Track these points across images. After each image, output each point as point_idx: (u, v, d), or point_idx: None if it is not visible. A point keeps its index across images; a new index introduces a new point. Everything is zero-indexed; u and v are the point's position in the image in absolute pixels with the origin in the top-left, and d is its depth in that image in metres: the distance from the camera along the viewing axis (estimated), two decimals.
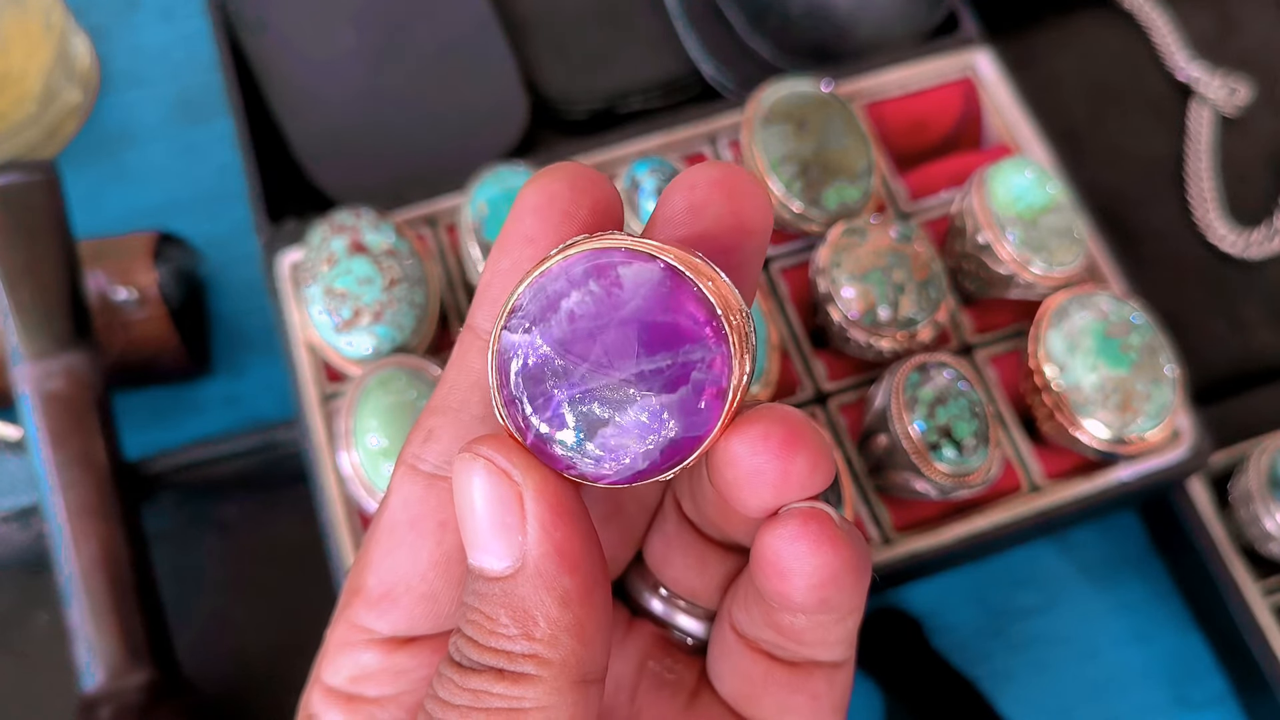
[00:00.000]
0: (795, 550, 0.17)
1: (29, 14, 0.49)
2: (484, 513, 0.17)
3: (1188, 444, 0.37)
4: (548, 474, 0.17)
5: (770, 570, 0.18)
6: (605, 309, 0.16)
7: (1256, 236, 0.48)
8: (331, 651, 0.20)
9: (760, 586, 0.18)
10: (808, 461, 0.17)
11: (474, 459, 0.17)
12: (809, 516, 0.17)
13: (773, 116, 0.38)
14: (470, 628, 0.17)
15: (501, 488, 0.16)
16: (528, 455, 0.17)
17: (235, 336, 0.48)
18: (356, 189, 0.44)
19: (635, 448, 0.16)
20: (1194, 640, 0.43)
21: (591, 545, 0.17)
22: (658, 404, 0.16)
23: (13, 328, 0.37)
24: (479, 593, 0.17)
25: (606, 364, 0.16)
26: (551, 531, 0.16)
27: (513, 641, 0.17)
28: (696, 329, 0.16)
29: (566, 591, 0.16)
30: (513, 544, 0.16)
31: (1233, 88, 0.51)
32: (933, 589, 0.43)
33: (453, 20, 0.48)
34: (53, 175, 0.38)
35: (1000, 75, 0.43)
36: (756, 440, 0.17)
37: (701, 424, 0.16)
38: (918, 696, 0.40)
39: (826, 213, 0.37)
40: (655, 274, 0.16)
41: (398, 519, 0.19)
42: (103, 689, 0.35)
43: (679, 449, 0.16)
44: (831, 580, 0.17)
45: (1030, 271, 0.36)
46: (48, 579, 0.37)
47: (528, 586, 0.16)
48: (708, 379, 0.16)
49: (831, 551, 0.17)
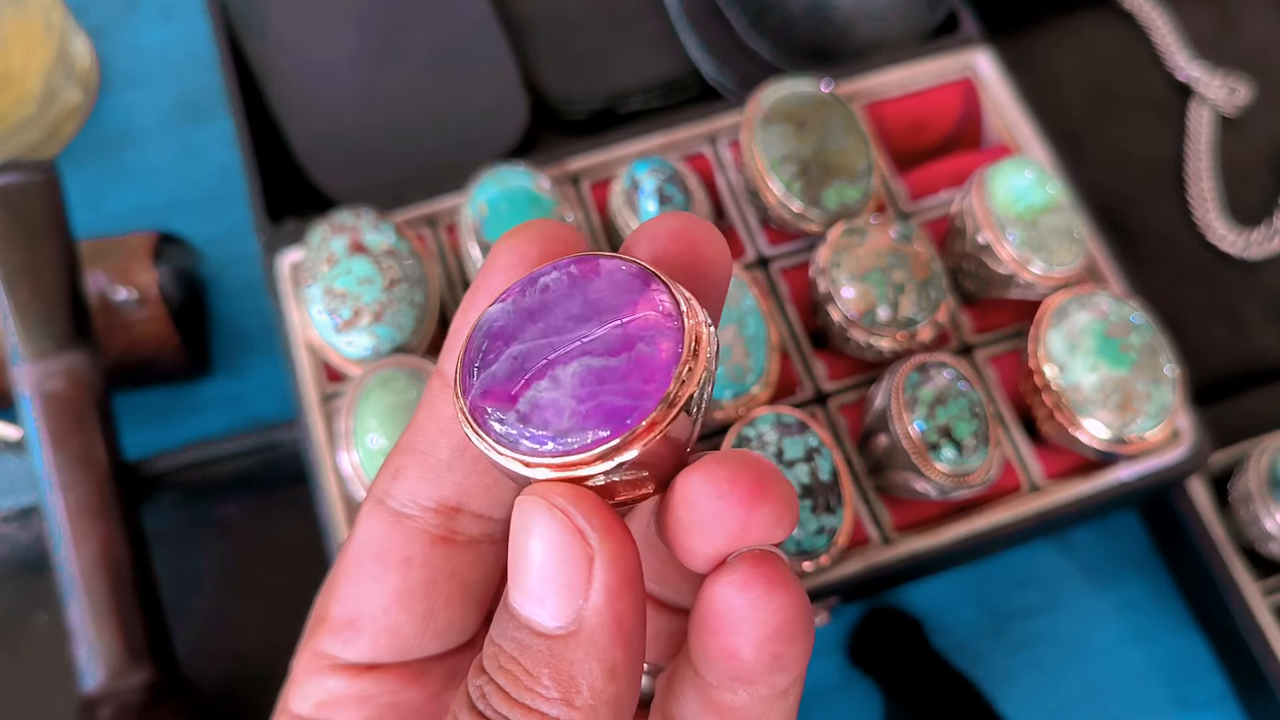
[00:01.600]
0: (747, 597, 0.16)
1: (29, 14, 0.49)
2: (545, 565, 0.16)
3: (1188, 444, 0.37)
4: (623, 539, 0.16)
5: (715, 623, 0.16)
6: (580, 284, 0.16)
7: (1256, 236, 0.48)
8: (298, 679, 0.20)
9: (703, 650, 0.17)
10: (772, 513, 0.16)
11: (549, 509, 0.16)
12: (760, 559, 0.16)
13: (773, 116, 0.38)
14: (503, 676, 0.16)
15: (573, 546, 0.15)
16: (605, 513, 0.16)
17: (235, 336, 0.48)
18: (356, 189, 0.44)
19: (565, 404, 0.15)
20: (1194, 640, 0.43)
21: (643, 618, 0.16)
22: (599, 364, 0.15)
23: (13, 328, 0.37)
24: (521, 643, 0.16)
25: (560, 327, 0.16)
26: (616, 602, 0.15)
27: (551, 705, 0.16)
28: (654, 313, 0.16)
29: (616, 664, 0.16)
30: (572, 605, 0.16)
31: (1233, 88, 0.51)
32: (933, 589, 0.43)
33: (453, 20, 0.48)
34: (53, 175, 0.38)
35: (1000, 75, 0.43)
36: (722, 482, 0.16)
37: (638, 402, 0.15)
38: (918, 696, 0.40)
39: (826, 213, 0.37)
40: (633, 268, 0.17)
41: (363, 552, 0.19)
42: (103, 689, 0.35)
43: (612, 416, 0.15)
44: (785, 630, 0.16)
45: (1030, 271, 0.36)
46: (48, 579, 0.37)
47: (579, 652, 0.16)
48: (653, 356, 0.16)
49: (785, 596, 0.16)
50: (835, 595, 0.35)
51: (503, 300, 0.17)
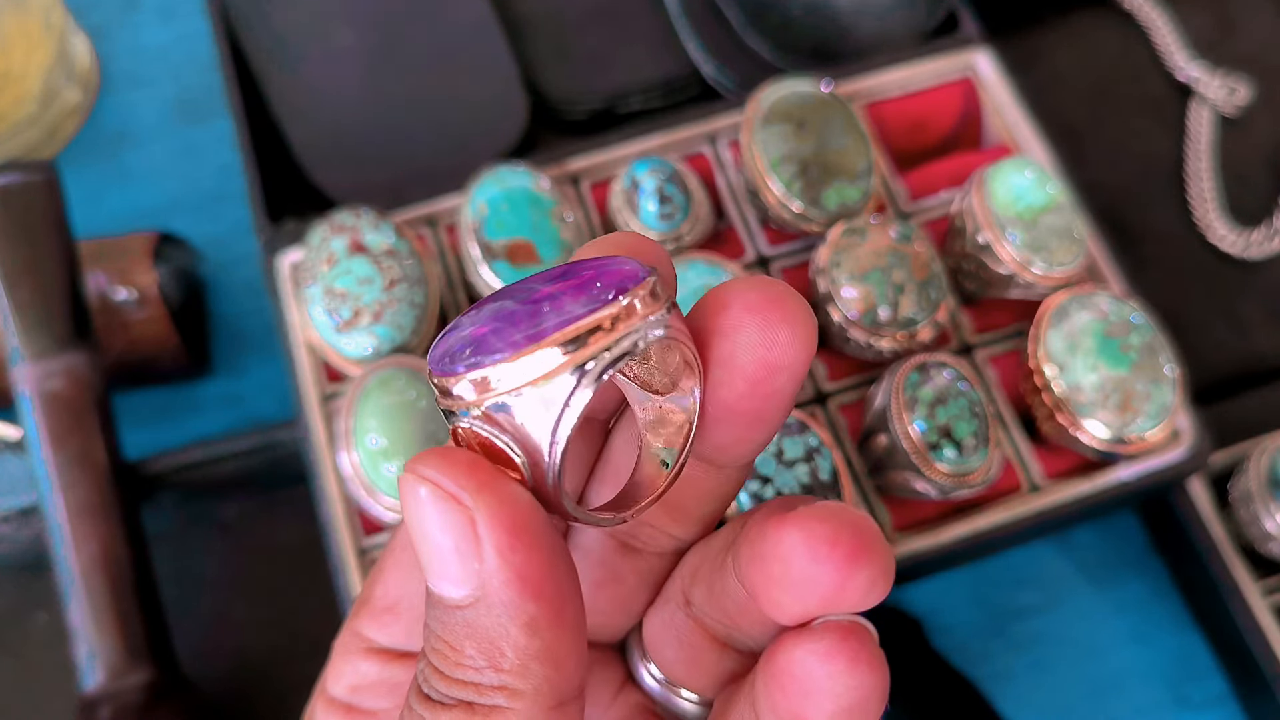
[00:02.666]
0: (828, 670, 0.15)
1: (29, 14, 0.49)
2: (436, 538, 0.15)
3: (1188, 444, 0.37)
4: (502, 493, 0.15)
5: (790, 686, 0.16)
6: (564, 270, 0.16)
7: (1256, 236, 0.48)
8: (336, 660, 0.21)
9: (769, 703, 0.16)
10: (869, 579, 0.15)
11: (418, 482, 0.15)
12: (849, 632, 0.16)
13: (772, 116, 0.38)
14: (435, 657, 0.16)
15: (453, 513, 0.15)
16: (480, 472, 0.15)
17: (235, 336, 0.48)
18: (356, 189, 0.44)
19: (468, 326, 0.15)
20: (1194, 640, 0.43)
21: (556, 563, 0.16)
22: (512, 305, 0.15)
23: (13, 328, 0.37)
24: (442, 620, 0.16)
25: (530, 295, 0.16)
26: (510, 557, 0.15)
27: (480, 673, 0.15)
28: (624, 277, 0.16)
29: (533, 618, 0.15)
30: (470, 571, 0.15)
31: (1233, 88, 0.51)
32: (933, 589, 0.43)
33: (452, 20, 0.48)
34: (53, 175, 0.38)
35: (1000, 75, 0.43)
36: (820, 544, 0.15)
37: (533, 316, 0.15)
38: (918, 696, 0.40)
39: (826, 213, 0.37)
40: (630, 263, 0.16)
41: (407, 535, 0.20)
42: (103, 689, 0.35)
43: (508, 323, 0.15)
44: (860, 707, 0.16)
45: (1030, 271, 0.36)
46: (48, 579, 0.37)
47: (490, 616, 0.15)
48: (614, 278, 0.15)
49: (867, 674, 0.15)
50: None
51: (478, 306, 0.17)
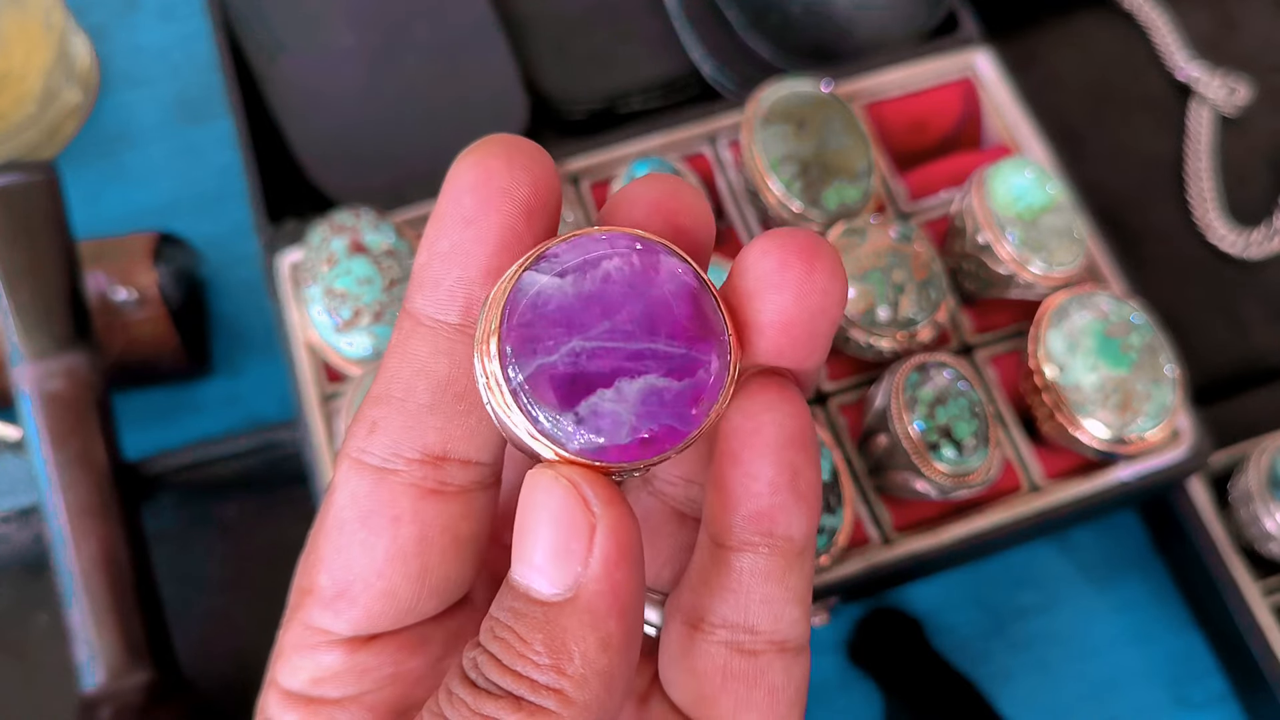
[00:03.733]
0: (762, 400, 0.17)
1: (29, 14, 0.49)
2: (549, 535, 0.16)
3: (1188, 444, 0.37)
4: (625, 513, 0.16)
5: (738, 444, 0.17)
6: (642, 281, 0.16)
7: (1256, 236, 0.48)
8: (287, 653, 0.20)
9: (725, 494, 0.18)
10: (829, 265, 0.17)
11: (556, 479, 0.16)
12: (771, 373, 0.17)
13: (772, 116, 0.38)
14: (496, 644, 0.16)
15: (577, 514, 0.16)
16: (609, 488, 0.16)
17: (235, 336, 0.48)
18: (356, 189, 0.44)
19: (626, 419, 0.16)
20: (1194, 640, 0.43)
21: (641, 594, 0.16)
22: (663, 385, 0.16)
23: (13, 328, 0.37)
24: (517, 611, 0.16)
25: (630, 332, 0.16)
26: (613, 570, 0.16)
27: (541, 671, 0.16)
28: (715, 338, 0.17)
29: (610, 635, 0.16)
30: (570, 573, 0.16)
31: (1233, 88, 0.51)
32: (933, 589, 0.43)
33: (452, 20, 0.48)
34: (53, 175, 0.38)
35: (1000, 75, 0.43)
36: (783, 242, 0.17)
37: (685, 423, 0.16)
38: (918, 696, 0.40)
39: (826, 213, 0.37)
40: (690, 275, 0.17)
41: (346, 515, 0.19)
42: (103, 689, 0.35)
43: (656, 441, 0.16)
44: (798, 437, 0.17)
45: (1030, 271, 0.36)
46: (48, 579, 0.37)
47: (574, 620, 0.16)
48: (705, 387, 0.16)
49: (797, 403, 0.17)
50: (835, 595, 0.35)
51: (558, 273, 0.16)
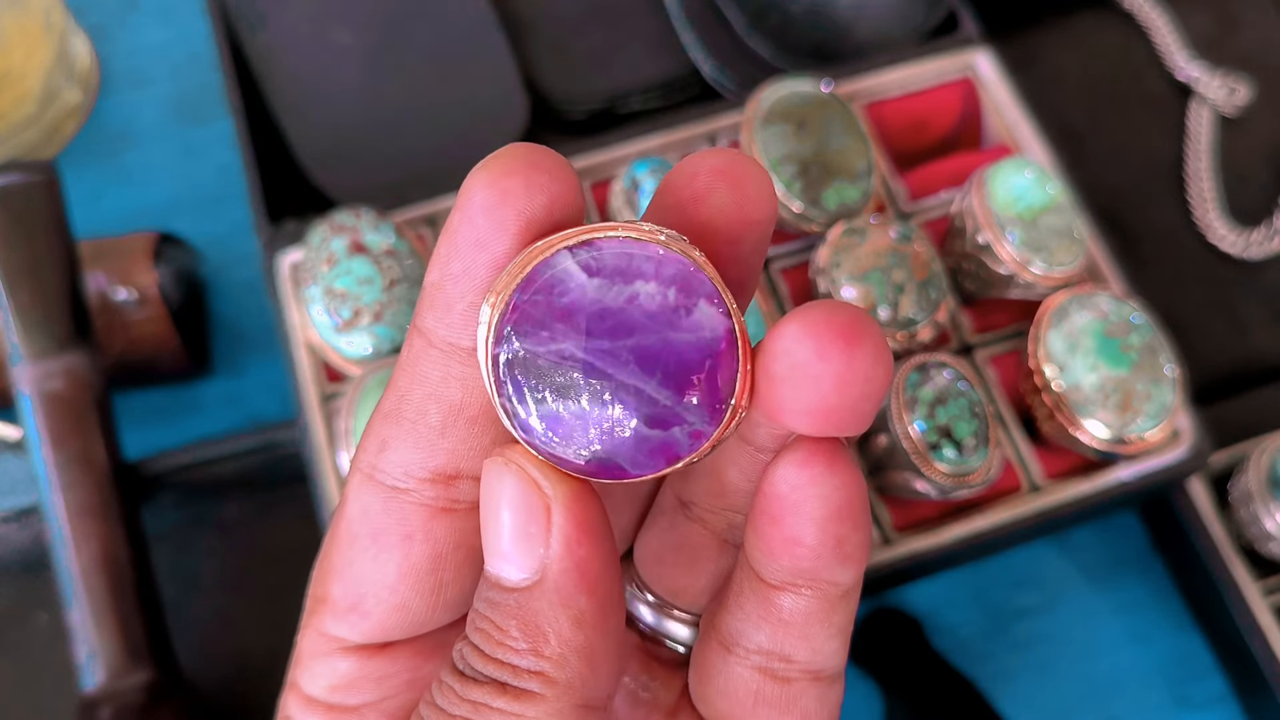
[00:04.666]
0: (810, 474, 0.16)
1: (29, 14, 0.49)
2: (509, 520, 0.16)
3: (1188, 444, 0.37)
4: (578, 489, 0.16)
5: (779, 509, 0.17)
6: (665, 319, 0.16)
7: (1256, 236, 0.48)
8: (305, 659, 0.20)
9: (766, 546, 0.17)
10: (873, 351, 0.15)
11: (506, 464, 0.16)
12: (820, 440, 0.16)
13: (772, 116, 0.38)
14: (477, 635, 0.17)
15: (530, 496, 0.16)
16: (558, 468, 0.16)
17: (235, 336, 0.48)
18: (356, 189, 0.44)
19: (580, 439, 0.16)
20: (1194, 640, 0.43)
21: (612, 567, 0.17)
22: (634, 427, 0.16)
23: (13, 328, 0.37)
24: (492, 601, 0.17)
25: (626, 361, 0.16)
26: (575, 548, 0.16)
27: (520, 656, 0.16)
28: (711, 406, 0.16)
29: (582, 612, 0.16)
30: (534, 556, 0.16)
31: (1233, 88, 0.51)
32: (933, 589, 0.43)
33: (452, 20, 0.48)
34: (53, 175, 0.38)
35: (1000, 75, 0.43)
36: (819, 324, 0.15)
37: (636, 466, 0.16)
38: (918, 696, 0.40)
39: (826, 213, 0.37)
40: (724, 327, 0.16)
41: (358, 530, 0.19)
42: (103, 689, 0.35)
43: (600, 472, 0.16)
44: (847, 509, 0.16)
45: (1030, 271, 0.36)
46: (48, 579, 0.37)
47: (543, 601, 0.16)
48: (674, 446, 0.16)
49: (846, 474, 0.16)
50: None
51: (591, 269, 0.16)
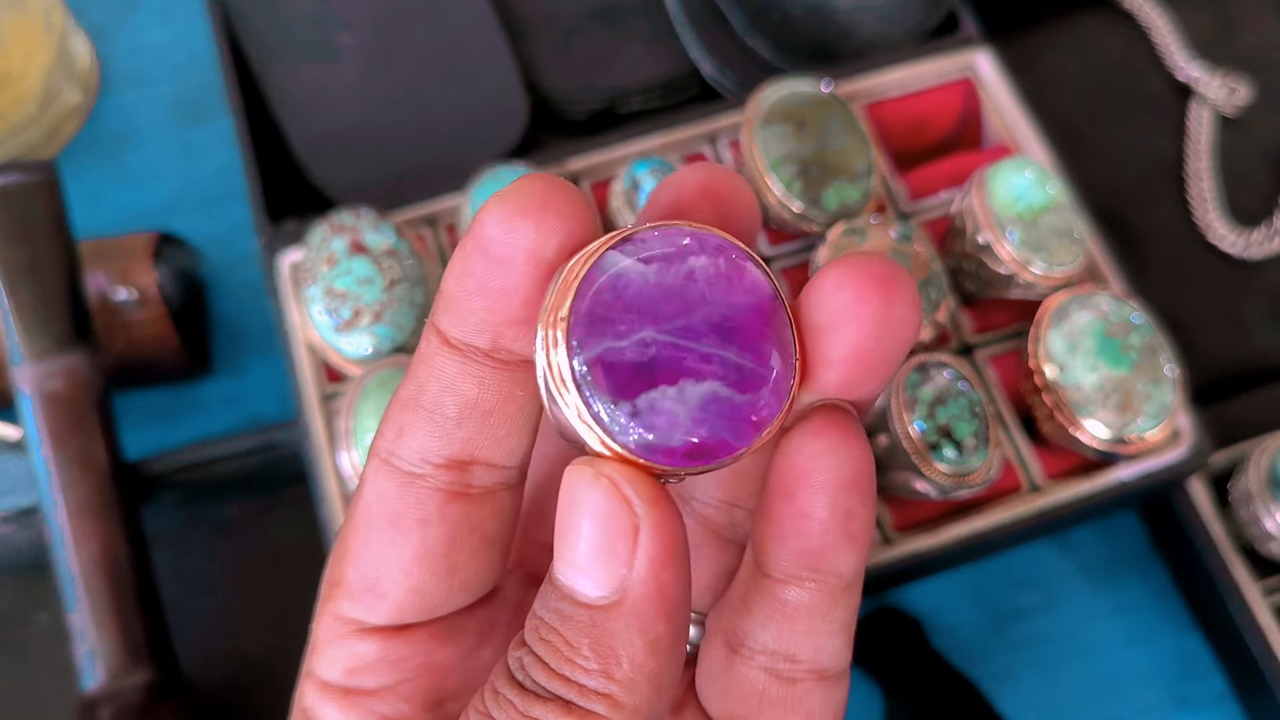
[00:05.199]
0: (824, 442, 0.16)
1: (29, 14, 0.49)
2: (591, 535, 0.16)
3: (1188, 444, 0.37)
4: (669, 511, 0.16)
5: (792, 482, 0.17)
6: (723, 286, 0.16)
7: (1256, 236, 0.48)
8: (322, 645, 0.20)
9: (776, 527, 0.17)
10: (908, 297, 0.16)
11: (596, 477, 0.16)
12: (836, 408, 0.17)
13: (773, 116, 0.38)
14: (544, 648, 0.16)
15: (620, 514, 0.15)
16: (652, 486, 0.16)
17: (235, 336, 0.48)
18: (356, 189, 0.44)
19: (682, 422, 0.16)
20: (1194, 640, 0.43)
21: (689, 592, 0.16)
22: (726, 395, 0.16)
23: (13, 328, 0.37)
24: (563, 614, 0.16)
25: (702, 333, 0.16)
26: (660, 571, 0.15)
27: (590, 676, 0.16)
28: (785, 358, 0.16)
29: (658, 637, 0.16)
30: (616, 575, 0.15)
31: (1233, 88, 0.51)
32: (933, 589, 0.43)
33: (453, 20, 0.48)
34: (53, 175, 0.38)
35: (1000, 75, 0.43)
36: (861, 272, 0.16)
37: (738, 438, 0.16)
38: (918, 696, 0.40)
39: (826, 213, 0.37)
40: (769, 290, 0.16)
41: (374, 512, 0.19)
42: (103, 689, 0.35)
43: (706, 451, 0.16)
44: (858, 480, 0.16)
45: (1030, 271, 0.36)
46: (48, 579, 0.37)
47: (620, 623, 0.15)
48: (766, 404, 0.16)
49: (858, 445, 0.16)
50: None
51: (642, 259, 0.16)
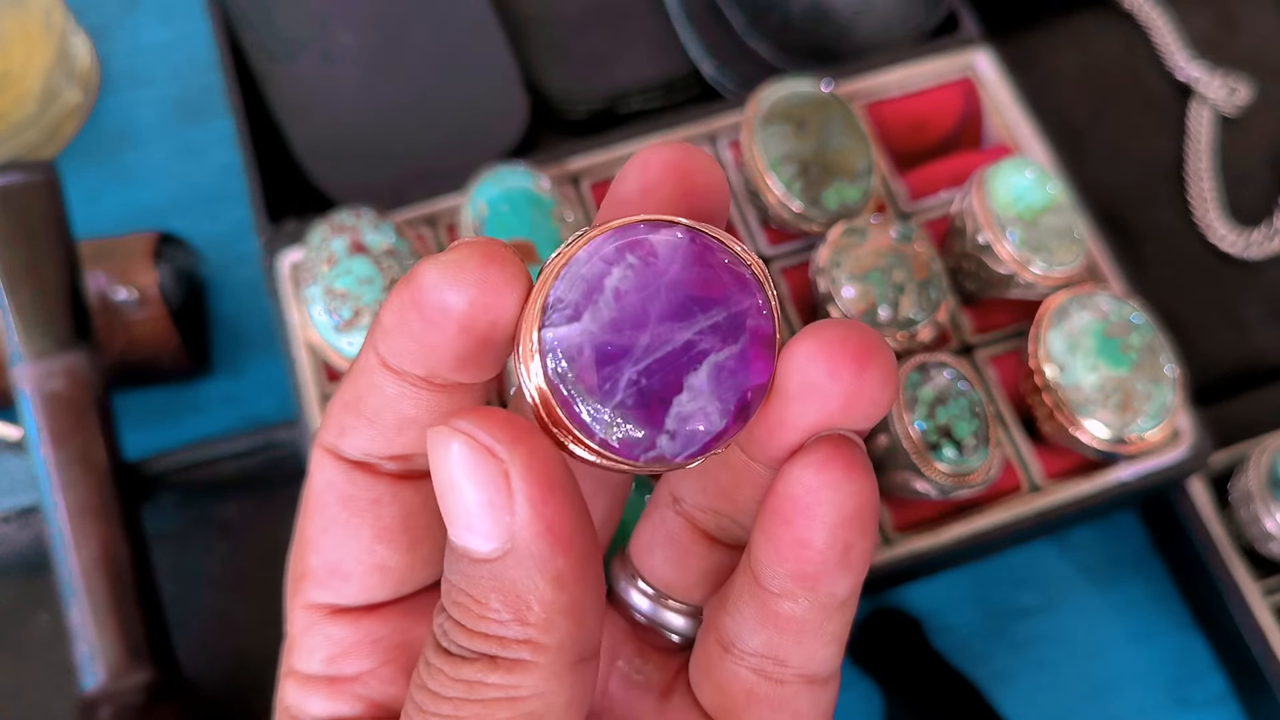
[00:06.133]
0: (827, 478, 0.16)
1: (29, 14, 0.49)
2: (467, 491, 0.15)
3: (1188, 444, 0.37)
4: (535, 446, 0.15)
5: (791, 510, 0.16)
6: (649, 279, 0.16)
7: (1256, 236, 0.48)
8: (298, 639, 0.20)
9: (772, 547, 0.17)
10: (882, 374, 0.16)
11: (452, 434, 0.15)
12: (842, 441, 0.16)
13: (772, 116, 0.38)
14: (458, 610, 0.16)
15: (486, 464, 0.15)
16: (514, 427, 0.15)
17: (235, 336, 0.48)
18: (356, 189, 0.44)
19: (711, 409, 0.16)
20: (1194, 640, 0.43)
21: (583, 519, 0.16)
22: (725, 357, 0.16)
23: (13, 328, 0.37)
24: (466, 574, 0.16)
25: (666, 332, 0.16)
26: (542, 509, 0.15)
27: (505, 627, 0.16)
28: (736, 281, 0.16)
29: (560, 572, 0.15)
30: (500, 524, 0.15)
31: (1233, 88, 0.51)
32: (933, 589, 0.43)
33: (453, 20, 0.48)
34: (53, 175, 0.38)
35: (1000, 75, 0.43)
36: (833, 344, 0.16)
37: (759, 371, 0.16)
38: (918, 696, 0.40)
39: (826, 213, 0.37)
40: (683, 238, 0.16)
41: (326, 500, 0.19)
42: (103, 689, 0.35)
43: (746, 401, 0.16)
44: (859, 517, 0.16)
45: (1030, 271, 0.36)
46: (48, 579, 0.37)
47: (519, 569, 0.15)
48: (759, 324, 0.16)
49: (863, 480, 0.16)
50: None
51: (571, 321, 0.16)
